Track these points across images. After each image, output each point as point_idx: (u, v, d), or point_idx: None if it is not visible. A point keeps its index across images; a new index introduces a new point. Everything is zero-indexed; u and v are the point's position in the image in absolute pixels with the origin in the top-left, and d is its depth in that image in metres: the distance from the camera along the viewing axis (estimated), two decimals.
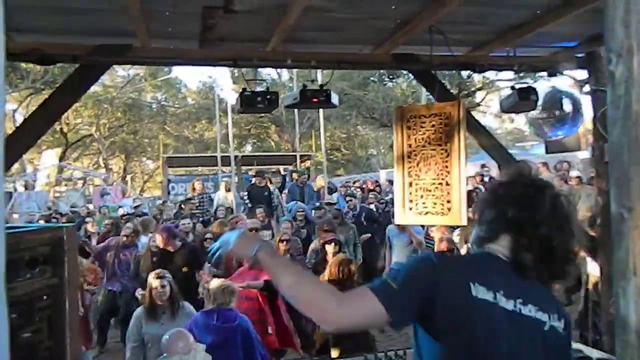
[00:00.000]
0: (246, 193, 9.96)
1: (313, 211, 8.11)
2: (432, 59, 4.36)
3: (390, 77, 20.09)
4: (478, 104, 23.13)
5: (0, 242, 0.90)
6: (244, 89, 4.36)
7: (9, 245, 1.98)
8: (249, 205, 9.34)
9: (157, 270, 3.99)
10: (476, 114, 26.75)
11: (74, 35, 4.18)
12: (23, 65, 15.38)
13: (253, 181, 10.48)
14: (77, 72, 4.30)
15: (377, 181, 14.95)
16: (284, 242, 5.54)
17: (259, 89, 4.87)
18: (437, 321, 1.31)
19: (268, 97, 4.31)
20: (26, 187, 19.37)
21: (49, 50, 4.04)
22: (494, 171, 9.61)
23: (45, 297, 2.14)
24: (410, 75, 7.38)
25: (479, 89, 22.09)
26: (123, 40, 4.23)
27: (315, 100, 4.39)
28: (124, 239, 6.48)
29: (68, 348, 2.25)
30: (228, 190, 10.08)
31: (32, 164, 26.93)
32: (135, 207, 12.45)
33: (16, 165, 26.07)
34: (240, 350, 3.41)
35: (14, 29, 4.15)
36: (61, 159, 25.73)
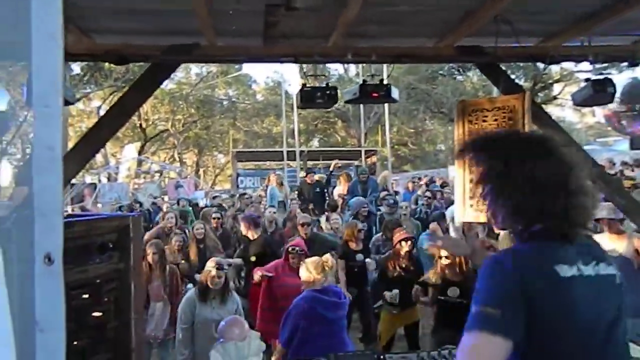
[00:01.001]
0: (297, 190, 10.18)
1: (382, 206, 8.15)
2: (498, 51, 4.20)
3: (460, 70, 19.50)
4: (555, 97, 21.91)
5: None
6: (304, 85, 4.42)
7: (81, 231, 2.16)
8: (299, 201, 9.50)
9: (217, 260, 4.16)
10: (553, 108, 25.34)
11: (147, 36, 4.44)
12: (106, 65, 16.45)
13: (304, 178, 10.65)
14: (149, 70, 4.56)
15: (438, 178, 14.61)
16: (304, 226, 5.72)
17: (320, 84, 4.91)
18: (536, 315, 1.27)
19: (328, 92, 4.35)
20: (109, 179, 20.75)
21: (125, 51, 4.31)
22: None
23: (112, 281, 2.32)
24: None
25: (557, 81, 20.91)
26: (191, 39, 4.43)
27: (375, 94, 4.37)
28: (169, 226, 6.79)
29: (133, 329, 2.42)
30: (280, 184, 10.29)
31: (114, 157, 28.83)
32: (214, 198, 13.08)
33: (101, 159, 28.08)
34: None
35: (95, 31, 4.48)
36: (140, 152, 27.30)
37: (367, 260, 5.83)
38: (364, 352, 3.00)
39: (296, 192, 10.30)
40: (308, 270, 3.55)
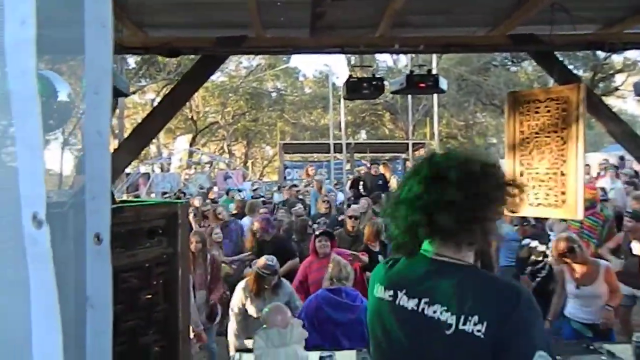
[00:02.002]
0: (361, 182, 10.09)
1: None
2: (553, 39, 4.02)
3: (514, 60, 18.83)
4: (616, 88, 20.78)
5: None
6: (350, 76, 4.40)
7: (131, 216, 2.25)
8: (363, 193, 9.42)
9: (269, 257, 4.14)
10: (614, 99, 24.04)
11: (197, 29, 4.55)
12: (160, 59, 16.99)
13: (368, 170, 10.55)
14: (199, 63, 4.68)
15: None
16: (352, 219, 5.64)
17: (366, 75, 4.88)
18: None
19: (374, 83, 4.32)
20: (162, 169, 21.51)
21: (176, 44, 4.44)
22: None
23: (161, 265, 2.40)
24: None
25: (619, 71, 19.81)
26: (240, 31, 4.51)
27: (422, 85, 4.30)
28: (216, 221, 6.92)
29: (180, 312, 2.50)
30: (320, 188, 10.27)
31: (167, 148, 29.84)
32: (254, 191, 13.26)
33: (154, 150, 29.16)
34: (365, 328, 3.52)
35: (149, 25, 4.64)
36: (191, 144, 28.14)
37: None
38: None
39: (360, 183, 10.22)
40: (329, 267, 3.57)
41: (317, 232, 4.64)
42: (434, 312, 1.22)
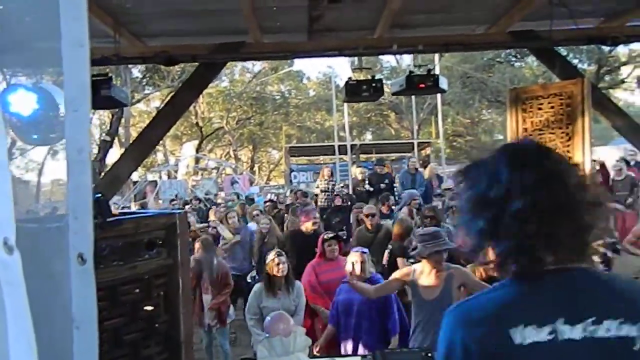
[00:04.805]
0: (368, 180, 10.06)
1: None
2: (553, 34, 3.98)
3: (518, 56, 18.70)
4: (622, 81, 20.57)
5: None
6: (350, 78, 4.38)
7: (129, 228, 2.24)
8: (370, 189, 9.38)
9: (277, 250, 4.24)
10: (621, 93, 23.79)
11: (194, 37, 4.56)
12: (163, 67, 17.06)
13: (374, 169, 10.52)
14: (198, 70, 4.69)
15: None
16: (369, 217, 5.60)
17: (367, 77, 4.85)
18: None
19: (373, 85, 4.29)
20: (169, 176, 21.58)
21: (174, 52, 4.45)
22: None
23: (161, 276, 2.39)
24: None
25: (624, 64, 19.60)
26: (238, 38, 4.51)
27: (422, 85, 4.27)
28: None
29: (182, 322, 2.48)
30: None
31: (174, 155, 29.94)
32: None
33: (161, 157, 29.28)
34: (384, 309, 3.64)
35: (146, 35, 4.65)
36: (197, 150, 28.20)
37: None
38: (411, 350, 2.92)
39: (366, 181, 10.21)
40: (347, 262, 3.59)
41: (325, 236, 4.62)
42: (608, 330, 0.98)
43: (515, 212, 1.00)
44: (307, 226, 5.18)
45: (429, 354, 2.56)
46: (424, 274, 3.15)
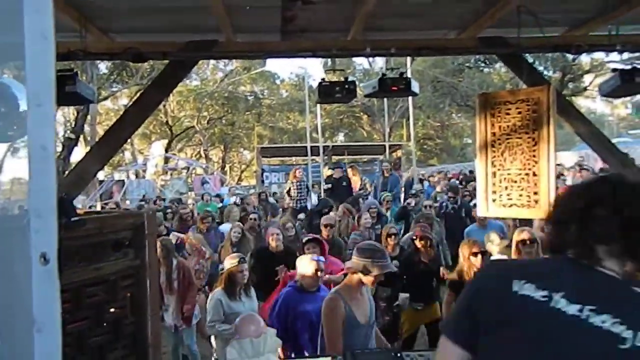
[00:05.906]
0: (329, 186, 10.13)
1: (408, 200, 8.18)
2: (521, 41, 4.08)
3: (487, 62, 19.12)
4: (585, 89, 21.28)
5: None
6: (323, 80, 4.39)
7: (95, 228, 2.18)
8: (328, 196, 9.42)
9: (236, 254, 4.19)
10: (583, 100, 24.59)
11: (165, 34, 4.47)
12: (132, 64, 16.70)
13: (332, 174, 10.58)
14: (169, 68, 4.60)
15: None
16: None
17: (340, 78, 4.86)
18: (480, 328, 1.23)
19: (346, 87, 4.30)
20: (137, 176, 21.13)
21: (143, 49, 4.35)
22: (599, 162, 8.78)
23: (128, 277, 2.33)
24: None
25: (587, 72, 20.28)
26: (210, 36, 4.44)
27: (394, 88, 4.30)
28: (202, 225, 6.86)
29: (149, 324, 2.43)
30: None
31: (142, 154, 29.35)
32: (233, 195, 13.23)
33: (129, 156, 28.66)
34: None
35: (114, 31, 4.54)
36: (167, 149, 27.74)
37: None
38: (382, 350, 2.93)
39: (329, 187, 10.25)
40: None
41: (305, 239, 4.60)
42: (603, 322, 1.12)
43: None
44: (270, 244, 5.14)
45: (399, 354, 2.58)
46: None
